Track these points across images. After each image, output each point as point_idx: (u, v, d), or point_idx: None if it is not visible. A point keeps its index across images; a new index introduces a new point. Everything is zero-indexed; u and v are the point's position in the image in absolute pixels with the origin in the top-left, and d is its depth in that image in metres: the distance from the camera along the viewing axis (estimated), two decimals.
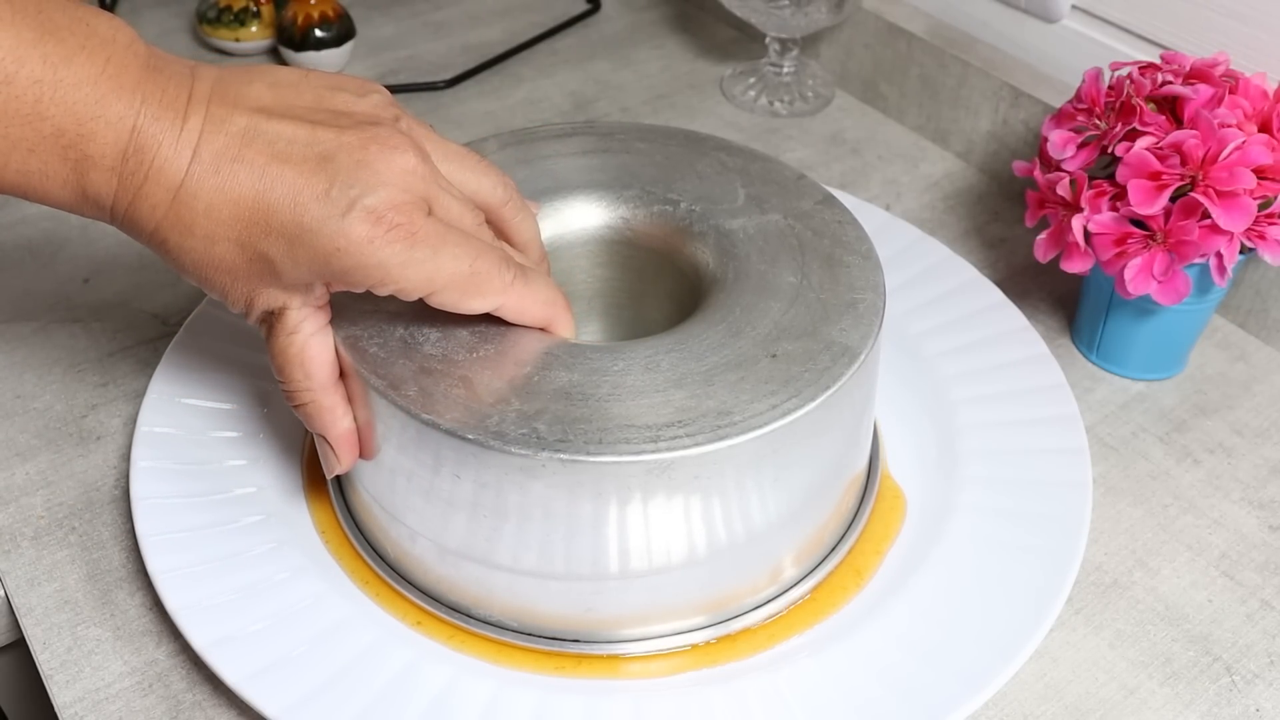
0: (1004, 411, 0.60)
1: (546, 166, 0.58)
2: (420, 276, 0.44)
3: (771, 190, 0.57)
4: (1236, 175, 0.56)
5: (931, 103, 0.84)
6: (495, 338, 0.48)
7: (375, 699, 0.47)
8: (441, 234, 0.44)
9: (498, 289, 0.46)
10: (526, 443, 0.44)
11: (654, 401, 0.46)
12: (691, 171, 0.58)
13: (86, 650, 0.52)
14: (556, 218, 0.56)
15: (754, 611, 0.52)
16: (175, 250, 0.44)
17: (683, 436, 0.45)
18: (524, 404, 0.46)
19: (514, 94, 0.89)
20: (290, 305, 0.46)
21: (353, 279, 0.44)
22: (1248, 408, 0.64)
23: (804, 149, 0.84)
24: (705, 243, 0.55)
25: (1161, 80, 0.59)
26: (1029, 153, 0.78)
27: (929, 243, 0.69)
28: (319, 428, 0.49)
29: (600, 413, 0.46)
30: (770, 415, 0.46)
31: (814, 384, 0.47)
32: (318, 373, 0.48)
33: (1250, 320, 0.69)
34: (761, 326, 0.50)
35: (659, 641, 0.51)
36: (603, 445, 0.44)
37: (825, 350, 0.49)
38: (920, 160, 0.83)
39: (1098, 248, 0.59)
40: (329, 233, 0.43)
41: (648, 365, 0.48)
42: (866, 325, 0.50)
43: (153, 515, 0.54)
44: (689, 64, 0.93)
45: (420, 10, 0.99)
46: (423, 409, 0.46)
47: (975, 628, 0.50)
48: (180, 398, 0.59)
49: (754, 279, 0.52)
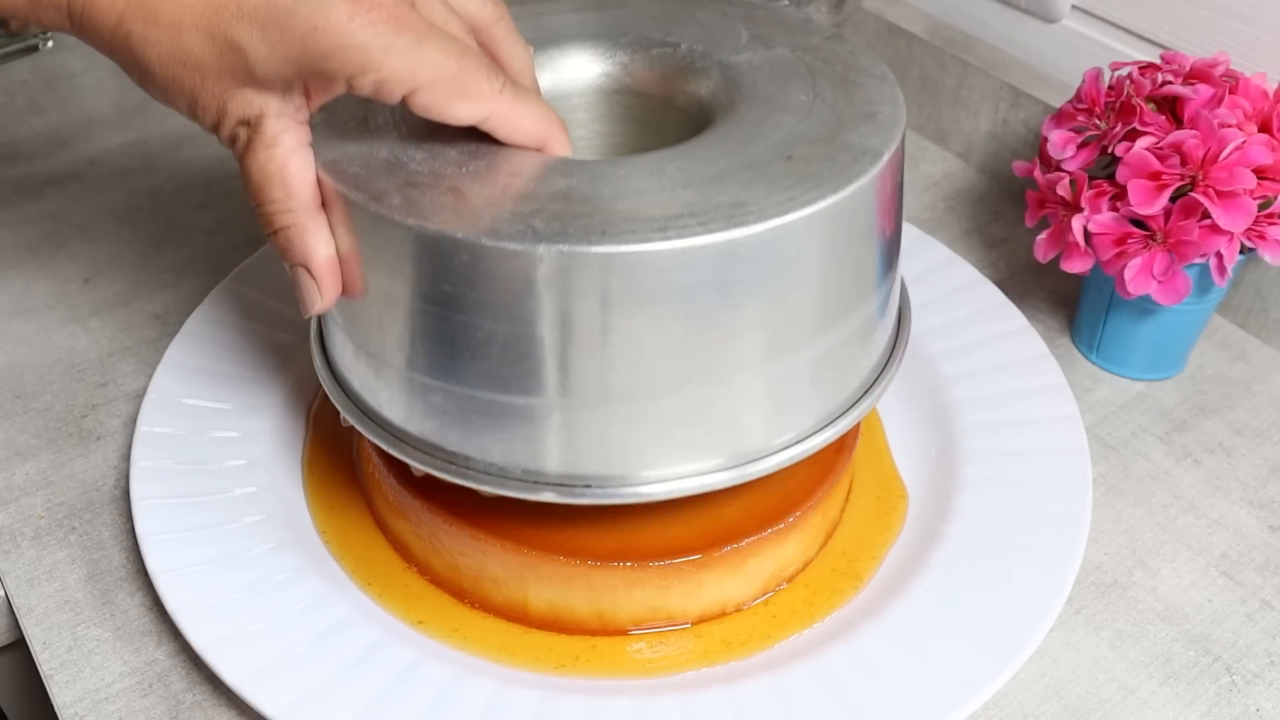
0: (1004, 412, 0.60)
1: (538, 22, 0.54)
2: (403, 67, 0.40)
3: (777, 30, 0.53)
4: (1236, 175, 0.56)
5: (931, 102, 0.84)
6: (486, 154, 0.44)
7: (375, 699, 0.47)
8: (426, 27, 0.41)
9: (486, 94, 0.42)
10: (522, 238, 0.40)
11: (661, 199, 0.42)
12: (691, 20, 0.54)
13: (87, 650, 0.52)
14: (550, 69, 0.53)
15: (772, 457, 0.47)
16: (139, 44, 0.41)
17: (694, 225, 0.41)
18: (519, 206, 0.42)
19: None
20: (268, 112, 0.42)
21: (331, 64, 0.40)
22: (1248, 408, 0.64)
23: None
24: (709, 78, 0.51)
25: (1161, 80, 0.59)
26: (1029, 153, 0.78)
27: (929, 243, 0.69)
28: (300, 255, 0.45)
29: (603, 209, 0.42)
30: (789, 206, 0.42)
31: (835, 179, 0.43)
32: (300, 191, 0.44)
33: (1250, 320, 0.69)
34: (774, 135, 0.46)
35: (674, 484, 0.46)
36: (606, 236, 0.40)
37: (845, 152, 0.45)
38: (920, 160, 0.83)
39: (1098, 248, 0.59)
40: (306, 11, 0.39)
41: (653, 171, 0.44)
42: (888, 131, 0.46)
43: (153, 515, 0.54)
44: None
45: None
46: (408, 215, 0.42)
47: (975, 628, 0.50)
48: (180, 398, 0.59)
49: (763, 100, 0.48)
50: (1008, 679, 0.48)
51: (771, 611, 0.53)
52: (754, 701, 0.48)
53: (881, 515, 0.57)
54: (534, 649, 0.51)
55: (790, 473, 0.52)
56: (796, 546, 0.53)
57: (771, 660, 0.51)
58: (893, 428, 0.61)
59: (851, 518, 0.57)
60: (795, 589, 0.54)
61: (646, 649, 0.51)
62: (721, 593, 0.52)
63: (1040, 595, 0.51)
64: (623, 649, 0.51)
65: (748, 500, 0.52)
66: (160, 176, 0.80)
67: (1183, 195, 0.57)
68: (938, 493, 0.57)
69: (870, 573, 0.54)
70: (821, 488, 0.53)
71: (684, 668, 0.51)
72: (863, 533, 0.56)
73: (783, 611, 0.53)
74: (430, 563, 0.53)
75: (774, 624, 0.52)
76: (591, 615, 0.51)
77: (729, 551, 0.51)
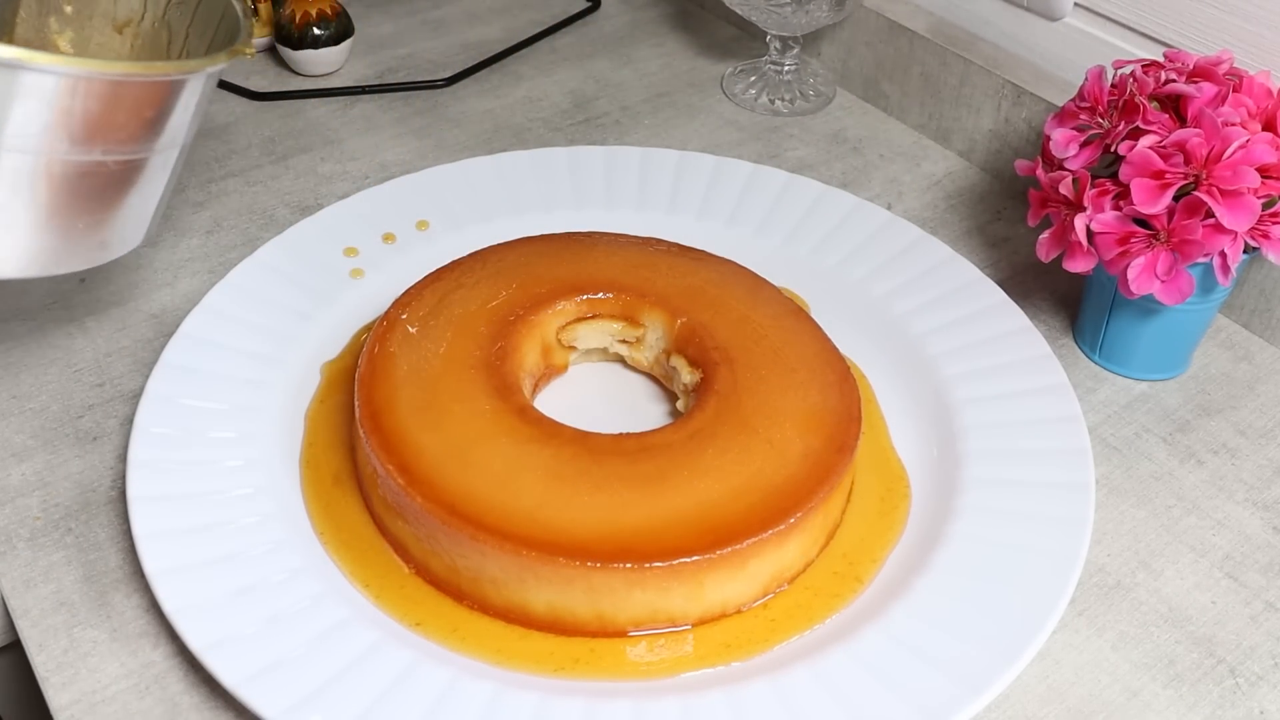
0: (1006, 412, 0.59)
1: None
2: None
3: None
4: (1240, 174, 0.55)
5: (933, 101, 0.83)
6: None
7: (375, 701, 0.47)
8: None
9: None
10: None
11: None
12: None
13: (83, 652, 0.51)
14: None
15: None
16: None
17: None
18: None
19: (513, 92, 0.89)
20: None
21: None
22: (1252, 408, 0.64)
23: (805, 148, 0.83)
24: None
25: (1165, 79, 0.59)
26: (1031, 151, 0.78)
27: (931, 242, 0.69)
28: None
29: None
30: None
31: None
32: None
33: (1254, 320, 0.68)
34: None
35: None
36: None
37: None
38: (922, 159, 0.83)
39: (1100, 247, 0.58)
40: None
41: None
42: None
43: (150, 516, 0.53)
44: (689, 62, 0.93)
45: (419, 8, 0.99)
46: None
47: (977, 629, 0.50)
48: (178, 398, 0.59)
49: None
50: (1010, 681, 0.48)
51: (771, 614, 0.53)
52: (754, 703, 0.48)
53: (883, 515, 0.57)
54: (533, 651, 0.51)
55: (790, 473, 0.52)
56: (797, 548, 0.53)
57: (772, 662, 0.50)
58: (895, 428, 0.61)
59: (853, 518, 0.57)
60: (796, 591, 0.53)
61: (646, 651, 0.51)
62: (722, 594, 0.52)
63: (1043, 597, 0.51)
64: (622, 651, 0.51)
65: (748, 501, 0.52)
66: None
67: (1186, 194, 0.56)
68: (939, 493, 0.57)
69: (871, 575, 0.54)
70: (822, 489, 0.53)
71: (684, 670, 0.50)
72: (864, 534, 0.56)
73: (782, 614, 0.53)
74: (429, 564, 0.53)
75: (774, 627, 0.52)
76: (591, 617, 0.51)
77: (729, 553, 0.50)
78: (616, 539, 0.50)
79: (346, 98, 0.87)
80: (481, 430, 0.54)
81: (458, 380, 0.56)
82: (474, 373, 0.57)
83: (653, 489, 0.52)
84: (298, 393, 0.61)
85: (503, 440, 0.54)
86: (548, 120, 0.86)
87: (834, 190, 0.73)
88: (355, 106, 0.86)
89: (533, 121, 0.85)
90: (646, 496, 0.52)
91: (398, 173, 0.79)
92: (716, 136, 0.84)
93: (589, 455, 0.53)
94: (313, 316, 0.65)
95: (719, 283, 0.63)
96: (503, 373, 0.57)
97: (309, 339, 0.64)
